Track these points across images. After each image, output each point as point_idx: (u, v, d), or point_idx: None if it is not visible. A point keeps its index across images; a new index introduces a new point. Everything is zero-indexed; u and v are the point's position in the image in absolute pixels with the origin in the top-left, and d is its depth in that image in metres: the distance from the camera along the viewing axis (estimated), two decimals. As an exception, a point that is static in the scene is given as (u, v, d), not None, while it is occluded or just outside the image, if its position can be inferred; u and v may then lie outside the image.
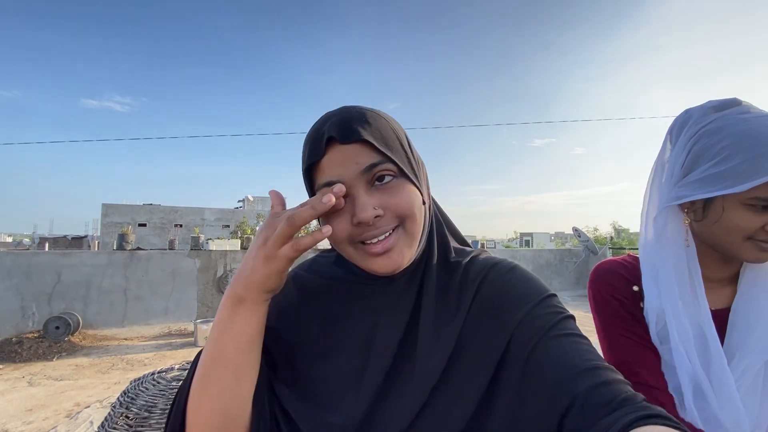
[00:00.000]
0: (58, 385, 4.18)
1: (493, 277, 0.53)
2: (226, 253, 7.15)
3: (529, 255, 11.33)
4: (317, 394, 0.52)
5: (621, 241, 14.08)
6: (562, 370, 0.41)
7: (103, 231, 23.36)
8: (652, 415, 0.34)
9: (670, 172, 0.71)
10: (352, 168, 0.47)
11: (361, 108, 0.51)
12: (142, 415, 1.98)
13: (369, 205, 0.47)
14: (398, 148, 0.50)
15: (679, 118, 0.74)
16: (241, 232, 11.87)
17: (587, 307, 3.45)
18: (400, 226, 0.50)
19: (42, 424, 3.26)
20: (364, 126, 0.48)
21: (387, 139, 0.49)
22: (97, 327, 6.14)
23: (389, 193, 0.49)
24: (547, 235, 45.13)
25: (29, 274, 5.87)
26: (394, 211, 0.49)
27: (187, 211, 26.33)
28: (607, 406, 0.37)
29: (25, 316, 5.78)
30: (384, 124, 0.51)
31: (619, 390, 0.38)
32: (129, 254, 6.52)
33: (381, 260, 0.49)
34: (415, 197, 0.50)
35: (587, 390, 0.38)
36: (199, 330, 5.77)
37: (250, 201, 36.26)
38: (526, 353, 0.44)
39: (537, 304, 0.48)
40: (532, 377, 0.43)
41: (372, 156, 0.48)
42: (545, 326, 0.46)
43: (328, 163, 0.48)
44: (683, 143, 0.70)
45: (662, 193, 0.73)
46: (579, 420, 0.37)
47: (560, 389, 0.40)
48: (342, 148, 0.48)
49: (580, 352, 0.43)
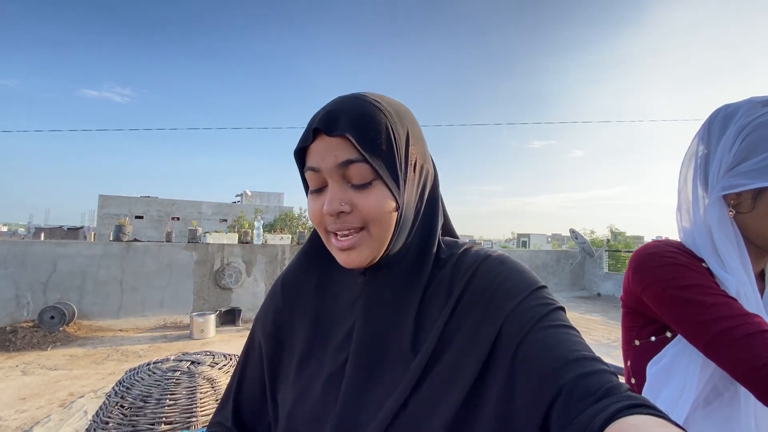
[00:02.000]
0: (52, 374, 4.17)
1: (483, 270, 0.52)
2: (224, 246, 7.14)
3: (526, 256, 11.37)
4: (301, 390, 0.54)
5: (617, 244, 14.12)
6: (549, 361, 0.41)
7: (100, 222, 23.28)
8: (637, 405, 0.34)
9: (718, 163, 0.72)
10: (330, 160, 0.49)
11: (362, 100, 0.51)
12: (137, 405, 1.99)
13: (336, 199, 0.49)
14: (384, 149, 0.49)
15: (720, 112, 0.75)
16: (239, 227, 11.85)
17: (583, 308, 3.48)
18: (365, 228, 0.50)
19: (35, 413, 3.25)
20: (353, 121, 0.48)
21: (374, 138, 0.48)
22: (93, 318, 6.12)
23: (360, 193, 0.49)
24: (544, 237, 45.26)
25: (25, 263, 5.84)
26: (360, 212, 0.49)
27: (185, 205, 26.25)
28: (592, 395, 0.37)
29: (19, 305, 5.75)
30: (377, 121, 0.49)
31: (604, 380, 0.38)
32: (125, 245, 6.50)
33: (342, 255, 0.51)
34: (386, 202, 0.49)
35: (573, 380, 0.38)
36: (194, 323, 5.76)
37: (247, 196, 36.17)
38: (515, 345, 0.45)
39: (527, 297, 0.48)
40: (521, 368, 0.43)
41: (350, 152, 0.48)
42: (534, 318, 0.46)
43: (313, 150, 0.50)
44: (733, 134, 0.70)
45: (711, 183, 0.73)
46: (565, 410, 0.37)
47: (547, 380, 0.40)
48: (326, 139, 0.49)
49: (568, 343, 0.43)
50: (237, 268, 7.14)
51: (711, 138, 0.76)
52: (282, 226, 15.81)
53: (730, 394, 0.69)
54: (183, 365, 2.13)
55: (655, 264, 0.74)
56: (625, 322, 0.86)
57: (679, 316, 0.69)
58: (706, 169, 0.76)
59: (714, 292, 0.67)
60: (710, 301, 0.66)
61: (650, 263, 0.75)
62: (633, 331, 0.83)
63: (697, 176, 0.78)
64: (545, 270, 11.21)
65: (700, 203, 0.77)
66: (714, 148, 0.74)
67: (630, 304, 0.83)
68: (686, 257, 0.73)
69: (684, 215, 0.80)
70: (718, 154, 0.73)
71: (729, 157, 0.71)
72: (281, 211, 23.95)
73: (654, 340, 0.78)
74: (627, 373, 0.86)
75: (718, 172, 0.72)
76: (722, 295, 0.67)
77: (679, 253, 0.74)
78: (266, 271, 7.40)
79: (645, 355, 0.79)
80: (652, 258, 0.75)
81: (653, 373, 0.76)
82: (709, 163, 0.75)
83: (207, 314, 5.98)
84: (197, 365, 2.16)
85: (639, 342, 0.81)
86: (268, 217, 22.42)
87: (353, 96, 0.52)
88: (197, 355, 2.35)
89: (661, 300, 0.72)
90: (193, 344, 5.41)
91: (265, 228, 10.78)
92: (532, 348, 0.43)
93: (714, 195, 0.72)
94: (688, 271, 0.70)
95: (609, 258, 11.67)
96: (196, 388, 1.95)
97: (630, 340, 0.84)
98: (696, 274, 0.70)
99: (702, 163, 0.77)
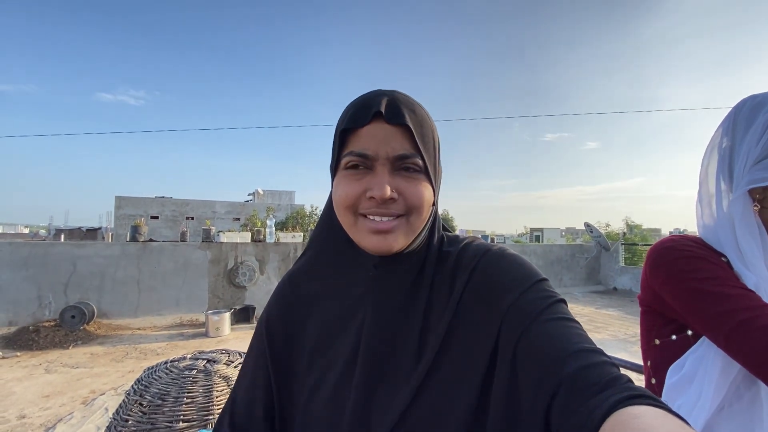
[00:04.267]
0: (74, 372, 4.28)
1: (484, 265, 0.53)
2: (237, 245, 7.22)
3: (540, 250, 11.24)
4: (314, 383, 0.54)
5: (634, 237, 13.88)
6: (550, 354, 0.41)
7: (117, 223, 23.77)
8: (637, 395, 0.34)
9: (744, 155, 0.70)
10: (388, 149, 0.49)
11: (411, 98, 0.54)
12: (155, 403, 2.02)
13: (388, 185, 0.49)
14: (430, 148, 0.53)
15: (746, 103, 0.73)
16: (251, 225, 11.97)
17: (598, 303, 3.43)
18: (406, 216, 0.51)
19: (59, 411, 3.34)
20: (411, 115, 0.50)
21: (425, 135, 0.52)
22: (111, 317, 6.26)
23: (409, 182, 0.50)
24: (557, 231, 44.73)
25: (46, 264, 6.00)
26: (406, 200, 0.50)
27: (198, 204, 26.63)
28: (594, 386, 0.37)
29: (41, 305, 5.92)
30: (427, 121, 0.53)
31: (605, 372, 0.39)
32: (142, 246, 6.63)
33: (375, 238, 0.50)
34: (429, 195, 0.52)
35: (574, 372, 0.39)
36: (210, 321, 5.85)
37: (260, 194, 36.52)
38: (517, 338, 0.45)
39: (527, 289, 0.49)
40: (523, 362, 0.43)
41: (407, 145, 0.50)
42: (535, 311, 0.46)
43: (367, 134, 0.50)
44: (762, 126, 0.68)
45: (737, 176, 0.71)
46: (567, 401, 0.37)
47: (548, 372, 0.40)
48: (385, 127, 0.49)
49: (569, 336, 0.43)
50: (250, 267, 7.22)
51: (737, 130, 0.73)
52: (293, 224, 15.93)
53: (751, 395, 0.67)
54: (199, 364, 2.16)
55: (673, 257, 0.73)
56: (644, 322, 0.84)
57: (698, 309, 0.68)
58: (730, 162, 0.74)
59: (733, 284, 0.66)
60: (730, 293, 0.65)
61: (668, 257, 0.73)
62: (653, 331, 0.81)
63: (720, 169, 0.75)
64: (560, 264, 11.06)
65: (723, 197, 0.74)
66: (740, 141, 0.72)
67: (648, 302, 0.81)
68: (705, 251, 0.72)
69: (705, 209, 0.78)
70: (744, 147, 0.71)
71: (757, 150, 0.69)
72: (293, 209, 24.15)
73: (675, 338, 0.76)
74: (647, 374, 0.84)
75: (744, 165, 0.70)
76: (741, 287, 0.66)
77: (698, 246, 0.73)
78: (279, 269, 7.46)
79: (666, 355, 0.77)
80: (669, 251, 0.74)
81: (672, 383, 0.74)
82: (733, 155, 0.73)
83: (222, 312, 6.06)
84: (213, 364, 2.19)
85: (659, 341, 0.79)
86: (280, 215, 22.61)
87: (398, 92, 0.53)
88: (213, 353, 2.38)
89: (679, 293, 0.71)
90: (209, 342, 5.49)
91: (277, 226, 10.88)
92: (533, 341, 0.44)
93: (740, 189, 0.70)
94: (707, 264, 0.69)
95: (625, 252, 11.46)
96: (213, 387, 1.97)
97: (650, 340, 0.82)
98: (715, 266, 0.69)
99: (726, 155, 0.75)
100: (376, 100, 0.50)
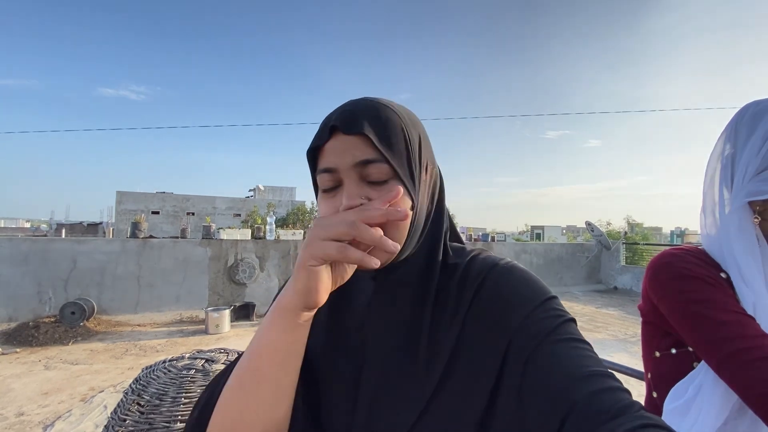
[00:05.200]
0: (73, 369, 4.28)
1: (492, 279, 0.51)
2: (237, 242, 7.21)
3: (540, 249, 11.21)
4: (313, 402, 0.53)
5: (635, 236, 13.86)
6: (561, 376, 0.40)
7: (118, 218, 23.76)
8: (650, 425, 0.34)
9: (744, 166, 0.68)
10: (348, 159, 0.49)
11: (377, 102, 0.52)
12: (153, 403, 2.00)
13: (355, 194, 0.48)
14: (400, 149, 0.50)
15: (748, 109, 0.70)
16: (252, 222, 11.96)
17: (599, 302, 3.40)
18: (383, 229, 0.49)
19: (57, 408, 3.34)
20: (370, 121, 0.49)
21: (390, 138, 0.49)
22: (111, 313, 6.26)
23: (378, 191, 0.49)
24: (558, 229, 44.68)
25: (46, 260, 5.99)
26: None
27: (199, 200, 26.61)
28: (605, 413, 0.36)
29: (41, 301, 5.91)
30: (393, 123, 0.50)
31: (617, 398, 0.38)
32: (142, 242, 6.62)
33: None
34: (403, 201, 0.50)
35: (586, 397, 0.38)
36: (210, 318, 5.85)
37: (260, 190, 36.50)
38: (525, 358, 0.44)
39: (536, 308, 0.47)
40: (531, 382, 0.42)
41: (369, 152, 0.48)
42: (544, 330, 0.45)
43: (328, 150, 0.50)
44: (761, 136, 0.66)
45: (736, 187, 0.69)
46: (577, 427, 0.36)
47: (559, 395, 0.39)
48: (343, 138, 0.49)
49: (579, 358, 0.42)
50: (250, 264, 7.21)
51: (738, 137, 0.71)
52: (294, 221, 15.92)
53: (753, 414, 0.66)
54: (198, 363, 2.14)
55: (669, 276, 0.71)
56: (645, 332, 0.82)
57: (691, 333, 0.68)
58: (732, 171, 0.72)
59: (728, 308, 0.65)
60: (724, 319, 0.64)
61: (665, 274, 0.72)
62: (653, 342, 0.79)
63: (723, 177, 0.73)
64: (560, 263, 11.05)
65: (726, 206, 0.72)
66: (741, 149, 0.70)
67: (648, 313, 0.80)
68: (703, 268, 0.70)
69: (709, 218, 0.76)
70: (744, 157, 0.69)
71: (756, 161, 0.67)
72: (293, 205, 24.09)
73: (675, 352, 0.74)
74: (648, 386, 0.83)
75: (743, 176, 0.68)
76: (736, 312, 0.64)
77: (696, 263, 0.71)
78: (279, 266, 7.46)
79: (666, 368, 0.76)
80: (667, 268, 0.72)
81: (670, 410, 0.72)
82: (735, 163, 0.71)
83: (222, 309, 6.06)
84: (212, 363, 2.17)
85: (659, 354, 0.78)
86: (281, 211, 22.62)
87: (366, 99, 0.53)
88: (211, 353, 2.36)
89: (674, 313, 0.70)
90: (209, 339, 5.49)
91: (278, 222, 10.87)
92: (541, 363, 0.42)
93: (738, 200, 0.68)
94: (703, 285, 0.68)
95: (626, 251, 11.44)
96: (211, 386, 1.96)
97: (650, 351, 0.80)
98: (711, 288, 0.67)
99: (728, 163, 0.73)
100: (335, 114, 0.50)
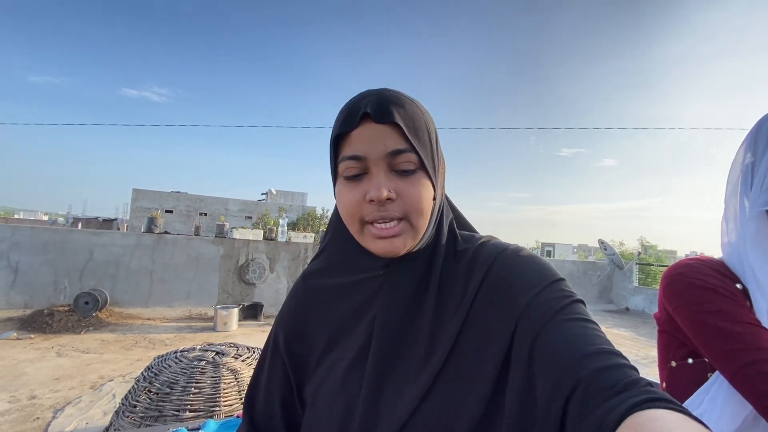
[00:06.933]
0: (84, 357, 4.37)
1: (501, 263, 0.52)
2: (249, 242, 7.30)
3: (551, 265, 11.07)
4: (323, 377, 0.54)
5: (648, 257, 13.59)
6: (567, 354, 0.40)
7: (132, 215, 24.23)
8: (656, 399, 0.33)
9: (762, 174, 0.69)
10: (379, 148, 0.49)
11: (400, 93, 0.52)
12: (164, 391, 2.05)
13: (384, 186, 0.48)
14: (425, 141, 0.51)
15: (767, 120, 0.72)
16: (263, 224, 12.08)
17: (610, 323, 3.37)
18: (405, 218, 0.51)
19: (68, 394, 3.41)
20: (400, 111, 0.49)
21: (418, 129, 0.51)
22: (123, 305, 6.38)
23: (405, 182, 0.50)
24: (569, 247, 44.07)
25: (64, 250, 6.15)
26: (404, 200, 0.50)
27: (212, 201, 26.99)
28: (611, 389, 0.36)
29: (57, 290, 6.06)
30: (418, 115, 0.52)
31: (624, 374, 0.38)
32: (157, 237, 6.75)
33: (382, 243, 0.50)
34: (428, 192, 0.51)
35: (592, 373, 0.38)
36: (218, 315, 5.91)
37: (273, 194, 36.86)
38: (532, 337, 0.44)
39: (544, 288, 0.48)
40: (538, 362, 0.43)
41: (399, 142, 0.49)
42: (552, 310, 0.45)
43: (357, 137, 0.49)
44: None
45: (754, 195, 0.71)
46: (583, 403, 0.37)
47: (565, 373, 0.39)
48: (374, 127, 0.49)
49: (587, 336, 0.42)
50: (261, 264, 7.28)
51: (757, 146, 0.72)
52: (304, 225, 16.02)
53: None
54: (208, 355, 2.19)
55: (683, 286, 0.72)
56: (661, 341, 0.82)
57: (704, 343, 0.68)
58: (752, 179, 0.73)
59: (741, 319, 0.65)
60: (735, 330, 0.64)
61: (679, 283, 0.72)
62: (669, 352, 0.79)
63: (743, 186, 0.74)
64: (571, 281, 10.73)
65: (746, 214, 0.73)
66: (760, 158, 0.71)
67: (664, 322, 0.80)
68: (718, 279, 0.70)
69: (730, 224, 0.76)
70: (763, 165, 0.69)
71: None
72: (304, 210, 24.30)
73: (692, 362, 0.75)
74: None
75: (761, 185, 0.69)
76: (749, 323, 0.64)
77: (710, 274, 0.71)
78: (289, 268, 7.51)
79: (682, 377, 0.76)
80: (681, 278, 0.73)
81: None
82: (754, 172, 0.72)
83: (230, 308, 6.12)
84: (222, 356, 2.21)
85: (675, 363, 0.78)
86: (292, 215, 22.79)
87: (385, 89, 0.52)
88: (222, 346, 2.40)
89: (688, 323, 0.70)
90: (216, 336, 5.54)
91: (288, 226, 10.95)
92: (549, 341, 0.43)
93: (756, 207, 0.69)
94: (717, 296, 0.68)
95: (639, 272, 11.21)
96: (220, 379, 2.00)
97: (666, 360, 0.80)
98: (724, 299, 0.67)
99: (748, 171, 0.73)
100: (363, 101, 0.50)
